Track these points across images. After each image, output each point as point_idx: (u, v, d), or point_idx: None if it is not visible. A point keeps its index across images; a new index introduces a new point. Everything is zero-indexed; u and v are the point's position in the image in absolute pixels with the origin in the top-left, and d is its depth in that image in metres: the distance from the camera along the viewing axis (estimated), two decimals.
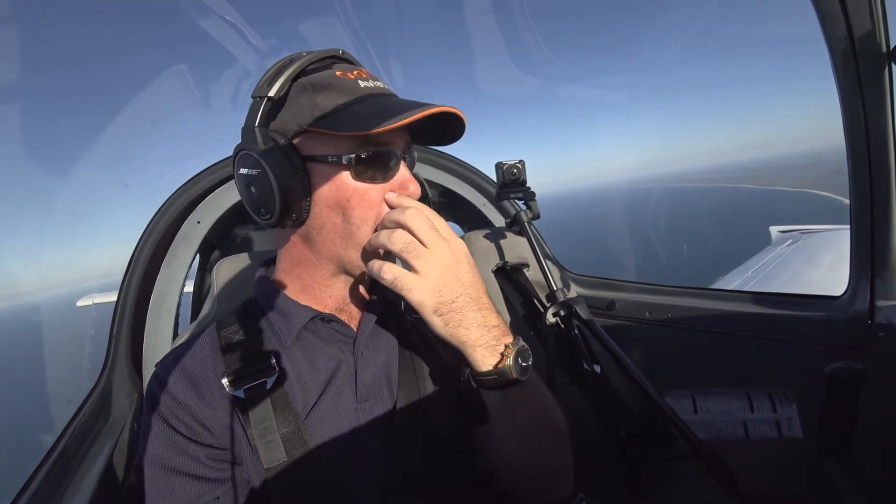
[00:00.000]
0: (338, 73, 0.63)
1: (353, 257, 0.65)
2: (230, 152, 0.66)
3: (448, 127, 0.66)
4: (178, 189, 1.54)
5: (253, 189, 0.62)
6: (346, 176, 0.62)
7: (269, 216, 0.62)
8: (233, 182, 1.54)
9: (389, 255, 0.64)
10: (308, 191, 0.62)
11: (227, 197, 1.54)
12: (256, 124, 0.60)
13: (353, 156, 0.61)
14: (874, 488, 0.93)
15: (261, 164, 0.59)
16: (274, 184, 0.59)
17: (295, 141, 0.62)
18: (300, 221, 0.63)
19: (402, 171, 0.65)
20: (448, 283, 0.59)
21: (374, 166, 0.62)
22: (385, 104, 0.62)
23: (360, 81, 0.63)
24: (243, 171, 0.63)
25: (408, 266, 0.60)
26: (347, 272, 0.69)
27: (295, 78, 0.62)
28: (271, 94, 0.59)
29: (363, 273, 0.69)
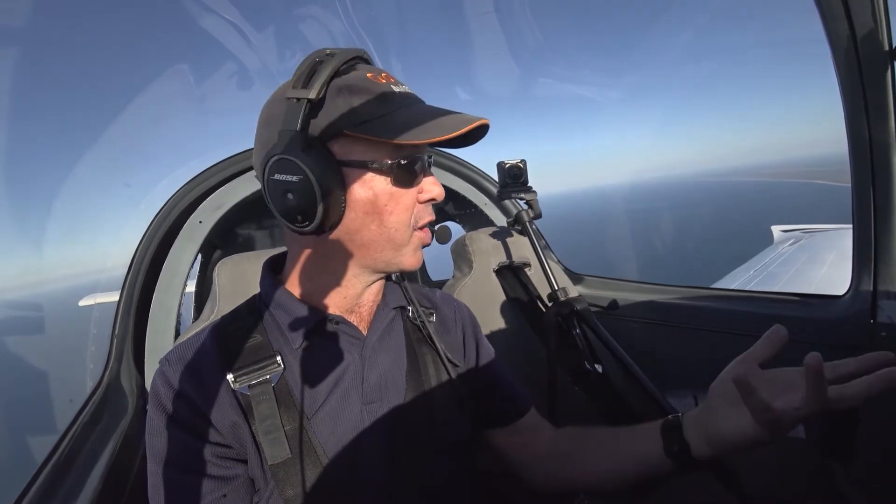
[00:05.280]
0: (368, 74, 0.61)
1: (387, 259, 0.66)
2: (232, 152, 0.65)
3: (468, 136, 0.65)
4: (181, 189, 1.55)
5: (290, 196, 0.59)
6: (384, 181, 0.61)
7: (306, 223, 0.60)
8: (235, 182, 1.54)
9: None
10: (345, 197, 0.61)
11: (229, 196, 1.54)
12: (298, 128, 0.58)
13: (394, 162, 0.61)
14: (877, 489, 0.93)
15: (303, 171, 0.57)
16: (317, 190, 0.57)
17: (330, 145, 0.61)
18: (333, 226, 0.63)
19: (428, 175, 0.67)
20: None
21: (410, 172, 0.63)
22: (423, 112, 0.61)
23: (392, 86, 0.62)
24: (279, 176, 0.59)
25: None
26: (372, 273, 0.69)
27: (330, 79, 0.60)
28: (311, 96, 0.57)
29: (382, 275, 0.71)
